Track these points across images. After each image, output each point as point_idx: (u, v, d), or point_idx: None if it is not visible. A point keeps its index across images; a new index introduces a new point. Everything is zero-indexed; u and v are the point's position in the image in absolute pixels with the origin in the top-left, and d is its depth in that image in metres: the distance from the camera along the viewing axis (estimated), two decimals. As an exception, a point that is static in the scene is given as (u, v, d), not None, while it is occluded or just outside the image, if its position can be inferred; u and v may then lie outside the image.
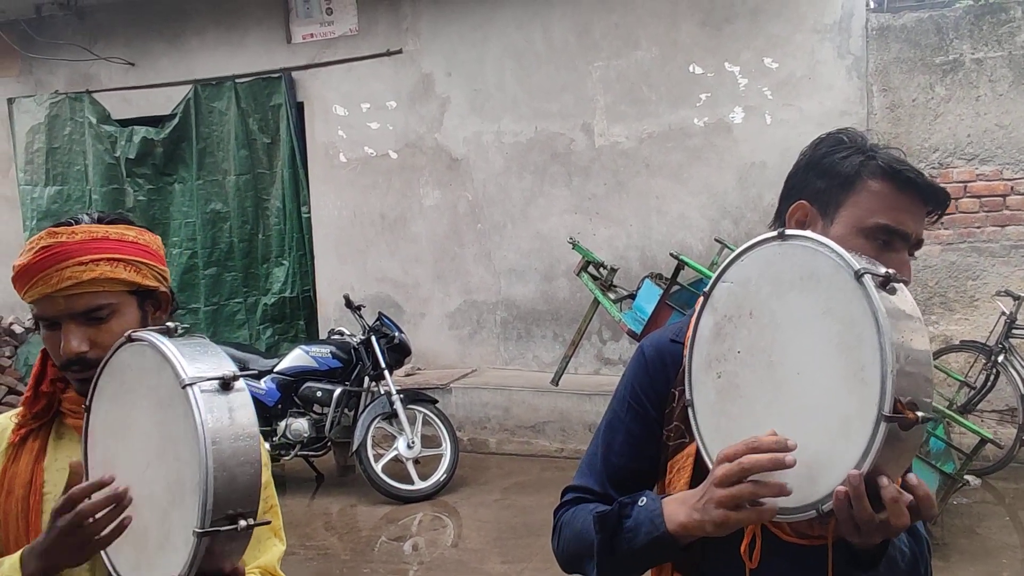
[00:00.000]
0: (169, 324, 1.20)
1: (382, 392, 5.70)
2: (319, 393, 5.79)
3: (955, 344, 5.98)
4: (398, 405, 5.60)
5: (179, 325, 1.21)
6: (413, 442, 5.64)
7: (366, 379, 5.85)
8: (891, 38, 6.16)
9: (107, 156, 8.04)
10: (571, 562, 1.36)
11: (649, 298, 5.32)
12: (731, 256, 1.20)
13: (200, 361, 1.15)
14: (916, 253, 1.32)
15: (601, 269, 5.86)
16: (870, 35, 6.19)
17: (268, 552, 1.53)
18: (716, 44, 6.56)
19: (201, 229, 7.89)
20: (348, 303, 5.97)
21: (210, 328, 7.79)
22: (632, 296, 5.73)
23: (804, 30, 6.34)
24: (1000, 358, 5.62)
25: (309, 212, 7.78)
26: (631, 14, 6.76)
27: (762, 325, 1.15)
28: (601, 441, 1.42)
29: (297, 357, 5.85)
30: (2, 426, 1.46)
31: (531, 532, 4.94)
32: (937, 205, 1.29)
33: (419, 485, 5.59)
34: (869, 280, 1.03)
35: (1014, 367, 5.60)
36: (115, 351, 1.25)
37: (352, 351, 5.88)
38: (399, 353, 5.93)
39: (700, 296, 1.25)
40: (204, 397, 1.11)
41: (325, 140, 7.75)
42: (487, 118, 7.24)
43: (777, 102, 6.41)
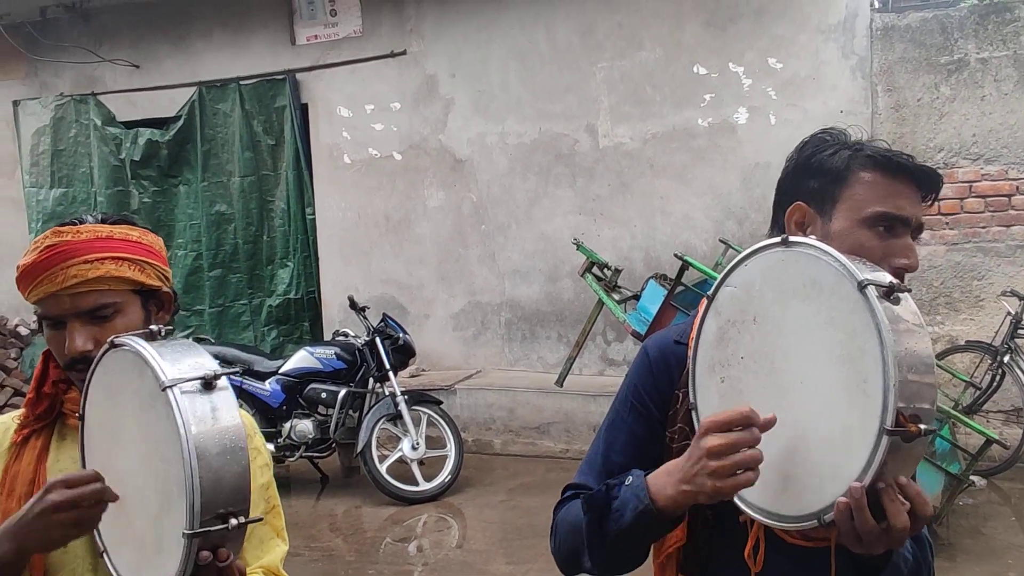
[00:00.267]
0: (152, 327, 1.20)
1: (387, 393, 5.71)
2: (324, 394, 5.79)
3: (960, 344, 5.96)
4: (403, 406, 5.61)
5: (163, 328, 1.20)
6: (418, 443, 5.64)
7: (371, 380, 5.86)
8: (895, 38, 6.15)
9: (112, 158, 8.07)
10: (568, 559, 1.35)
11: (653, 299, 5.31)
12: (734, 260, 1.20)
13: (181, 362, 1.14)
14: (922, 252, 1.32)
15: (605, 270, 5.85)
16: (874, 35, 6.18)
17: (271, 552, 1.53)
18: (720, 44, 6.55)
19: (206, 231, 7.90)
20: (352, 304, 5.97)
21: (215, 330, 7.81)
22: (636, 297, 5.72)
23: (808, 30, 6.33)
24: (1006, 358, 5.61)
25: (313, 213, 7.79)
26: (635, 15, 6.76)
27: (765, 331, 1.15)
28: (603, 440, 1.42)
29: (302, 359, 5.86)
30: (5, 426, 1.47)
31: (536, 533, 4.94)
32: (931, 188, 1.30)
33: (424, 486, 5.59)
34: (872, 291, 1.02)
35: (1020, 367, 5.58)
36: (100, 357, 1.25)
37: (356, 352, 5.88)
38: (403, 354, 5.93)
39: (704, 297, 1.25)
40: (185, 398, 1.10)
41: (329, 141, 7.76)
42: (491, 119, 7.24)
43: (781, 102, 6.41)
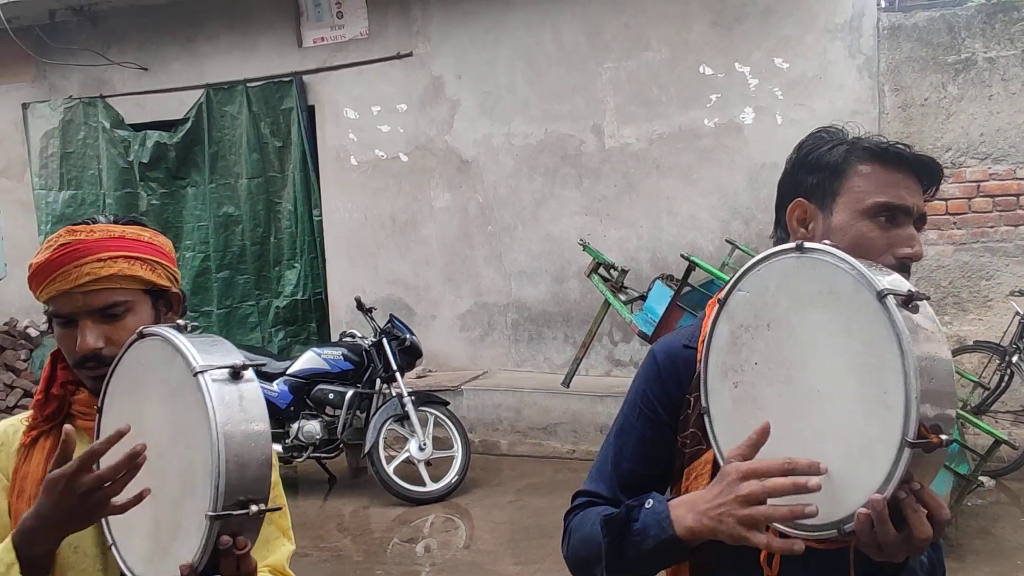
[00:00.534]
0: (180, 322, 1.22)
1: (394, 394, 5.72)
2: (331, 395, 5.81)
3: (969, 345, 5.94)
4: (410, 407, 5.62)
5: (190, 323, 1.23)
6: (425, 444, 5.65)
7: (378, 381, 5.87)
8: (903, 37, 6.13)
9: (120, 160, 8.10)
10: (580, 567, 1.35)
11: (660, 299, 5.31)
12: (746, 265, 1.19)
13: (211, 352, 1.17)
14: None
15: (612, 271, 5.85)
16: (881, 34, 6.17)
17: (277, 552, 1.53)
18: (727, 45, 6.55)
19: (213, 232, 7.93)
20: (359, 305, 5.98)
21: (223, 331, 7.83)
22: (643, 297, 5.71)
23: (815, 30, 6.32)
24: (1014, 358, 5.59)
25: (320, 215, 7.81)
26: (641, 15, 6.76)
27: (780, 338, 1.13)
28: (612, 446, 1.41)
29: (309, 359, 5.87)
30: (14, 428, 1.48)
31: (544, 534, 4.94)
32: (931, 177, 1.29)
33: (431, 487, 5.60)
34: (892, 301, 1.01)
35: (1029, 367, 5.56)
36: (127, 349, 1.27)
37: (364, 353, 5.89)
38: (410, 355, 5.94)
39: (711, 297, 1.24)
40: (215, 385, 1.13)
41: (336, 143, 7.78)
42: (497, 120, 7.25)
43: (788, 102, 6.40)
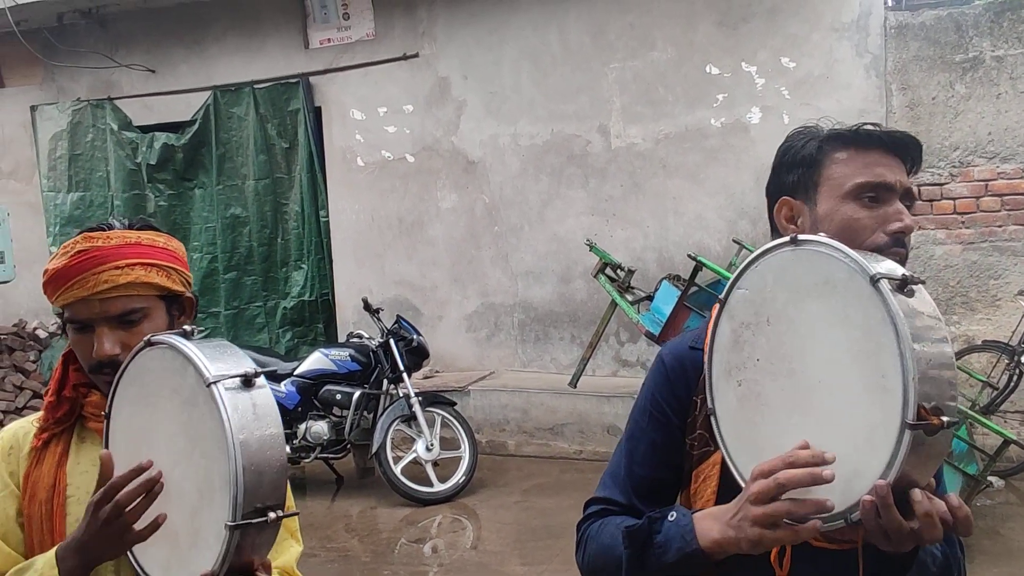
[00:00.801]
0: (186, 327, 1.23)
1: (401, 395, 5.73)
2: (338, 396, 5.82)
3: (977, 344, 5.92)
4: (417, 408, 5.62)
5: (196, 328, 1.24)
6: (432, 444, 5.66)
7: (385, 382, 5.88)
8: (910, 36, 6.11)
9: (128, 162, 8.13)
10: None
11: (667, 299, 5.31)
12: (744, 263, 1.20)
13: (221, 360, 1.17)
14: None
15: (618, 271, 5.85)
16: (888, 33, 6.15)
17: (286, 553, 1.54)
18: (733, 44, 6.54)
19: (221, 234, 7.96)
20: (366, 306, 5.99)
21: (230, 332, 7.85)
22: (650, 298, 5.72)
23: (822, 29, 6.30)
24: (1023, 358, 5.56)
25: (327, 216, 7.83)
26: (647, 15, 6.75)
27: (780, 333, 1.14)
28: (624, 452, 1.40)
29: (316, 360, 5.89)
30: (24, 431, 1.48)
31: (551, 534, 4.94)
32: (907, 152, 1.30)
33: (438, 487, 5.60)
34: (885, 285, 1.01)
35: (1037, 367, 5.54)
36: (134, 356, 1.28)
37: (371, 354, 5.90)
38: (417, 356, 5.95)
39: (718, 299, 1.25)
40: (228, 394, 1.14)
41: (343, 144, 7.80)
42: (503, 121, 7.25)
43: (795, 102, 6.38)
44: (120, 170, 8.15)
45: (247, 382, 1.16)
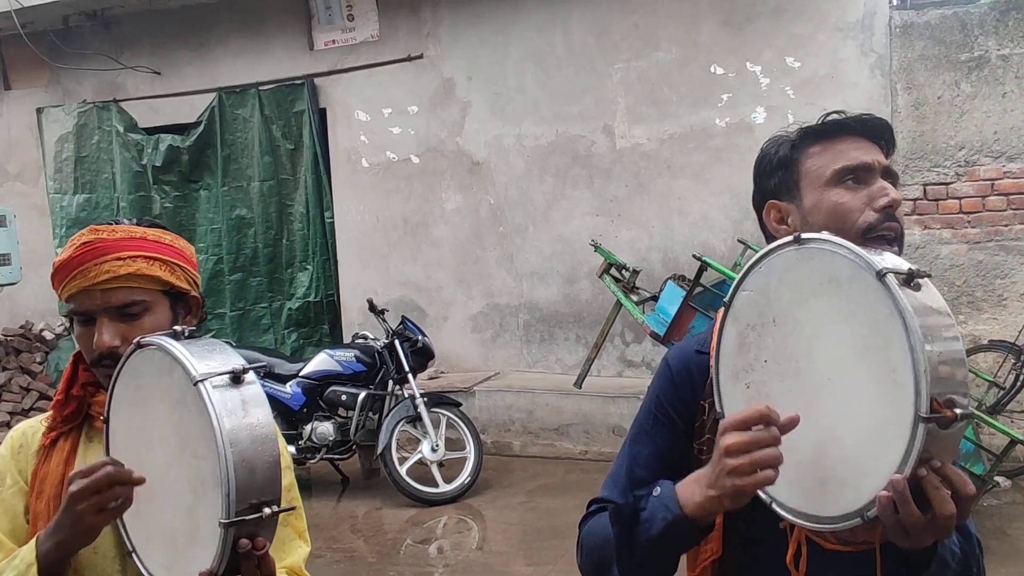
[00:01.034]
0: (176, 328, 1.23)
1: (406, 395, 5.73)
2: (344, 397, 5.82)
3: (983, 344, 5.90)
4: (422, 408, 5.63)
5: (186, 328, 1.23)
6: (437, 445, 5.66)
7: (390, 383, 5.88)
8: (915, 35, 6.10)
9: (134, 164, 8.16)
10: (595, 571, 1.32)
11: (672, 300, 5.30)
12: (748, 264, 1.19)
13: (209, 359, 1.17)
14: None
15: (623, 271, 5.84)
16: (893, 32, 6.14)
17: (293, 553, 1.54)
18: (737, 44, 6.53)
19: (226, 235, 7.97)
20: (372, 307, 6.00)
21: (236, 333, 7.87)
22: (655, 298, 5.71)
23: (826, 28, 6.29)
24: (1030, 357, 5.54)
25: (332, 217, 7.84)
26: (651, 15, 6.75)
27: (786, 332, 1.13)
28: (627, 454, 1.39)
29: (322, 361, 5.89)
30: (33, 429, 1.49)
31: (556, 534, 4.94)
32: (878, 134, 1.32)
33: (444, 488, 5.60)
34: (892, 279, 1.00)
35: (1044, 367, 5.51)
36: (127, 358, 1.28)
37: (376, 355, 5.91)
38: (422, 356, 5.95)
39: (724, 298, 1.24)
40: (216, 392, 1.13)
41: (347, 145, 7.81)
42: (508, 121, 7.26)
43: (800, 101, 6.37)
44: (126, 172, 8.17)
45: (236, 379, 1.15)
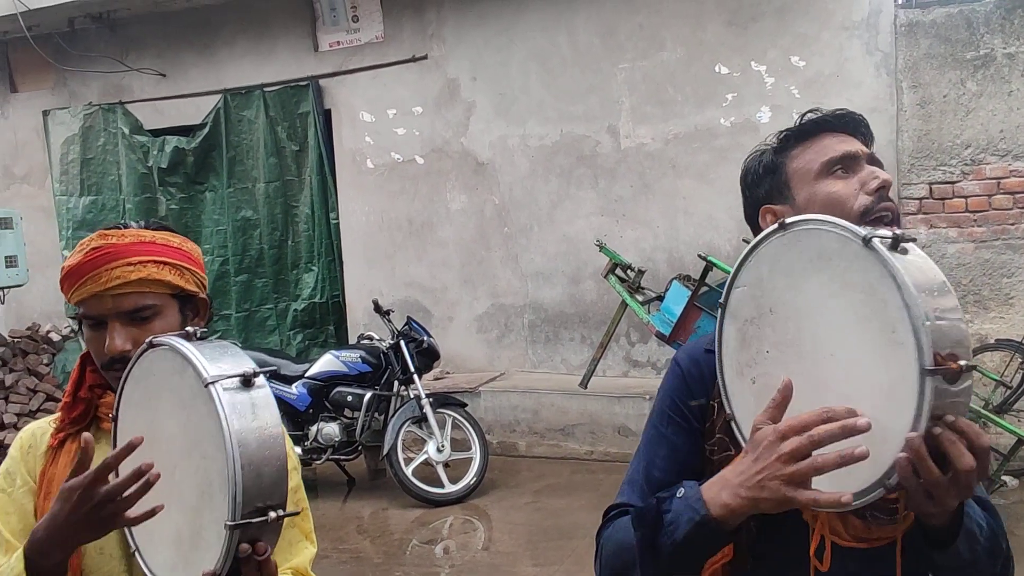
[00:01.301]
0: (188, 329, 1.23)
1: (411, 396, 5.74)
2: (350, 398, 5.83)
3: (990, 343, 5.88)
4: (428, 409, 5.63)
5: (198, 329, 1.23)
6: (443, 446, 5.66)
7: (396, 383, 5.89)
8: (920, 34, 6.08)
9: (140, 166, 8.18)
10: None
11: (677, 300, 5.30)
12: (738, 261, 1.20)
13: (220, 361, 1.17)
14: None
15: (628, 271, 5.84)
16: (899, 31, 6.13)
17: (300, 554, 1.55)
18: (742, 43, 6.52)
19: (232, 236, 7.99)
20: (377, 308, 6.01)
21: (242, 334, 7.88)
22: (660, 298, 5.70)
23: (831, 28, 6.28)
24: (1037, 357, 5.52)
25: (337, 218, 7.85)
26: (656, 15, 6.75)
27: (785, 319, 1.14)
28: (643, 457, 1.37)
29: (327, 362, 5.90)
30: (41, 431, 1.50)
31: (563, 535, 4.94)
32: (856, 127, 1.35)
33: (449, 488, 5.61)
34: (878, 243, 1.02)
35: (1052, 366, 5.49)
36: (138, 358, 1.28)
37: (381, 356, 5.92)
38: (428, 357, 5.96)
39: (719, 302, 1.25)
40: (227, 394, 1.13)
41: (352, 146, 7.82)
42: (512, 122, 7.26)
43: (805, 101, 6.35)
44: (131, 174, 8.20)
45: (246, 382, 1.16)
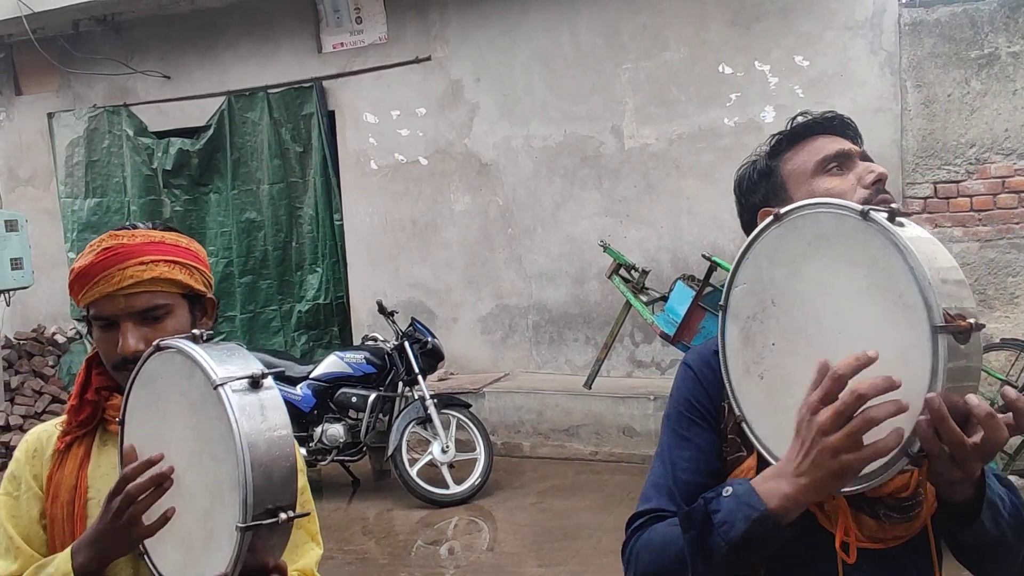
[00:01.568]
0: (195, 331, 1.24)
1: (416, 397, 5.74)
2: (354, 399, 5.84)
3: (995, 343, 5.86)
4: (432, 410, 5.63)
5: (204, 332, 1.24)
6: (447, 446, 5.66)
7: (400, 384, 5.89)
8: (924, 33, 6.07)
9: (144, 168, 8.20)
10: None
11: (682, 300, 5.30)
12: (736, 260, 1.21)
13: (228, 363, 1.18)
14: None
15: (632, 272, 5.84)
16: (903, 30, 6.11)
17: (306, 556, 1.55)
18: (746, 43, 6.52)
19: (236, 238, 8.01)
20: (381, 309, 6.01)
21: (246, 335, 7.89)
22: (664, 298, 5.70)
23: (835, 27, 6.27)
24: (1042, 356, 5.51)
25: (341, 219, 7.86)
26: (659, 15, 6.75)
27: (788, 308, 1.14)
28: (666, 461, 1.34)
29: (332, 363, 5.91)
30: (48, 434, 1.50)
31: (567, 535, 4.94)
32: (844, 128, 1.37)
33: (454, 489, 5.61)
34: (876, 215, 1.03)
35: (1057, 365, 5.48)
36: (145, 361, 1.29)
37: (386, 357, 5.92)
38: (432, 358, 5.96)
39: (719, 304, 1.25)
40: (236, 396, 1.14)
41: (356, 148, 7.83)
42: (516, 123, 7.26)
43: (809, 100, 6.34)
44: (136, 176, 8.22)
45: (255, 384, 1.16)
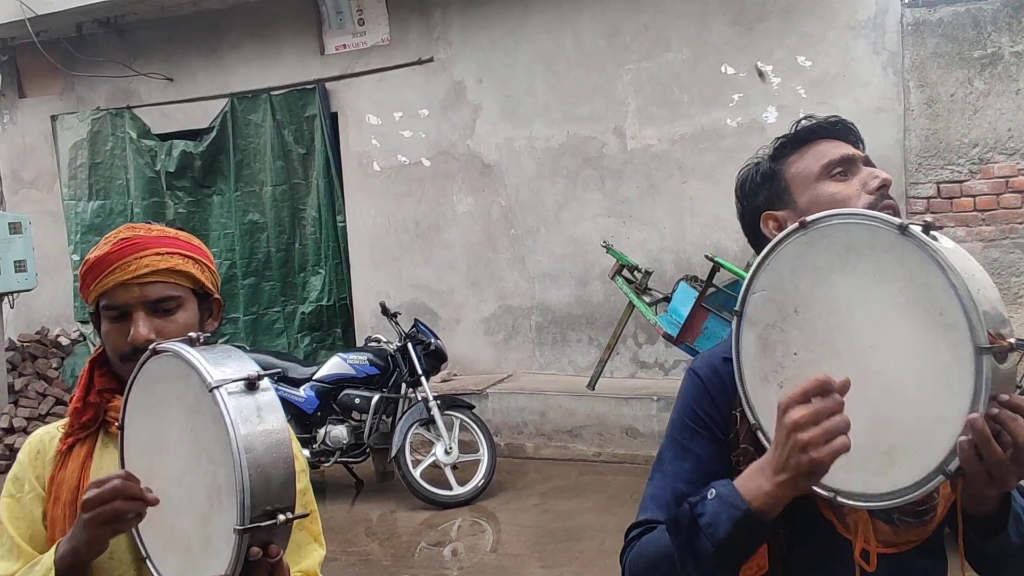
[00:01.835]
0: (191, 334, 1.24)
1: (419, 398, 5.74)
2: (357, 400, 5.84)
3: (1000, 342, 5.85)
4: (435, 411, 5.63)
5: (201, 335, 1.24)
6: (451, 448, 5.66)
7: (403, 386, 5.89)
8: (927, 33, 6.07)
9: (148, 170, 8.21)
10: None
11: (685, 301, 5.30)
12: (754, 266, 1.17)
13: (224, 365, 1.17)
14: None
15: (635, 272, 5.84)
16: (905, 30, 6.11)
17: (309, 557, 1.55)
18: (748, 43, 6.51)
19: (239, 240, 8.02)
20: (384, 310, 6.01)
21: (249, 337, 7.90)
22: (667, 299, 5.70)
23: (837, 27, 6.27)
24: (1047, 356, 5.49)
25: (344, 221, 7.86)
26: (661, 16, 6.74)
27: (813, 317, 1.11)
28: (666, 472, 1.32)
29: (335, 365, 5.91)
30: (50, 436, 1.51)
31: (570, 536, 4.94)
32: (847, 133, 1.36)
33: (457, 490, 5.61)
34: (916, 229, 1.01)
35: (1062, 365, 5.46)
36: (142, 365, 1.29)
37: (389, 358, 5.92)
38: (435, 359, 5.96)
39: (733, 310, 1.22)
40: (232, 399, 1.13)
41: (359, 149, 7.83)
42: (519, 124, 7.26)
43: (811, 101, 6.34)
44: (139, 178, 8.23)
45: (251, 385, 1.15)
